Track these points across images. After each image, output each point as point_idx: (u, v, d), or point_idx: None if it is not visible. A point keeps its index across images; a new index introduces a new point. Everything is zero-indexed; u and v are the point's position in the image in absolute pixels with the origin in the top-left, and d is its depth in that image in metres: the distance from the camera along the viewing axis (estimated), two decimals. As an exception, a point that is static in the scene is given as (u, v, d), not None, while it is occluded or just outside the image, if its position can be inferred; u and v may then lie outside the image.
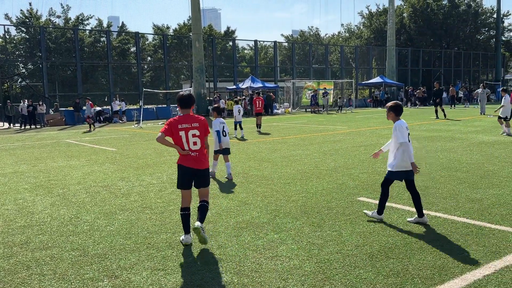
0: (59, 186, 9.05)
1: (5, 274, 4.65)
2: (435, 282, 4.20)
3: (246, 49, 71.23)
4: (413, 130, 19.04)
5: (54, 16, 54.59)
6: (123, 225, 6.22)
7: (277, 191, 8.09)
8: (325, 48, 55.80)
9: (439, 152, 12.20)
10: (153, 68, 57.89)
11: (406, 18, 60.26)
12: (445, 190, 7.81)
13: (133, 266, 4.76)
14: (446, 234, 5.53)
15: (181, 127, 5.44)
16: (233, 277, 4.42)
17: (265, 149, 14.11)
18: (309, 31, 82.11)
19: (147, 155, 13.36)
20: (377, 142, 15.01)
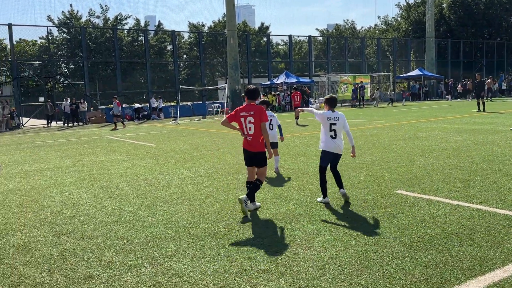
0: (102, 180, 9.38)
1: (54, 261, 4.90)
2: (476, 273, 4.16)
3: (280, 44, 71.15)
4: (454, 123, 18.60)
5: (94, 16, 56.09)
6: (164, 216, 6.42)
7: (312, 184, 8.11)
8: (361, 41, 54.99)
9: (481, 145, 11.89)
10: (189, 65, 58.69)
11: (446, 8, 58.59)
12: (486, 183, 7.64)
13: (174, 254, 4.92)
14: (487, 226, 5.43)
15: (242, 115, 6.50)
16: (271, 265, 4.51)
17: (300, 143, 14.13)
18: (345, 24, 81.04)
19: (185, 150, 13.62)
20: (416, 135, 14.77)
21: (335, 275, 4.25)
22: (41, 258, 4.99)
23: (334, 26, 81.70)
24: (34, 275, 4.56)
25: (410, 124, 19.31)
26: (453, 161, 9.73)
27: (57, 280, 4.40)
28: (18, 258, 5.05)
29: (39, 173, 10.62)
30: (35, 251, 5.23)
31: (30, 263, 4.88)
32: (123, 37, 54.13)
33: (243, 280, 4.22)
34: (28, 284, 4.35)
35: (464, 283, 3.97)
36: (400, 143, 13.12)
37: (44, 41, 49.35)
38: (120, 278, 4.37)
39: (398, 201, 6.73)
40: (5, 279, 4.51)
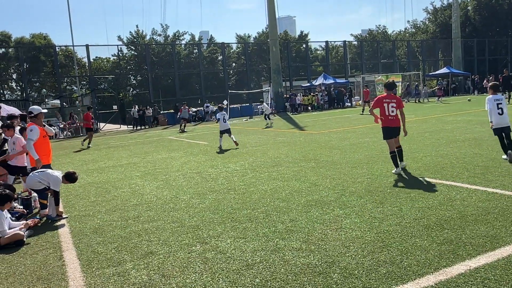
0: (162, 173, 9.75)
1: (122, 240, 5.21)
2: (487, 249, 4.07)
3: (318, 49, 70.22)
4: (479, 116, 17.81)
5: (156, 34, 57.66)
6: (212, 203, 6.62)
7: (344, 174, 8.08)
8: (392, 44, 53.50)
9: (502, 135, 11.36)
10: (237, 72, 59.17)
11: (471, 10, 55.90)
12: (504, 169, 7.34)
13: (220, 235, 5.10)
14: (501, 207, 5.26)
15: (385, 101, 7.88)
16: (302, 245, 4.59)
17: (335, 138, 14.02)
18: (377, 29, 78.87)
19: (233, 146, 13.85)
20: (442, 128, 14.29)
21: (358, 252, 4.28)
22: (112, 238, 5.32)
23: (367, 31, 79.83)
24: (106, 252, 4.87)
25: (438, 117, 18.67)
26: (474, 150, 9.39)
27: (123, 256, 4.69)
28: (93, 238, 5.40)
29: (112, 169, 11.15)
30: (107, 233, 5.56)
31: (103, 242, 5.21)
32: (181, 51, 55.35)
33: (277, 256, 4.32)
34: (101, 259, 4.66)
35: (475, 257, 3.90)
36: (427, 135, 12.75)
37: (115, 58, 51.30)
38: (175, 254, 4.60)
39: (421, 187, 6.61)
40: (83, 255, 4.84)
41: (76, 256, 4.82)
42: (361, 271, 3.83)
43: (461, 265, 3.78)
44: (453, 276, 3.59)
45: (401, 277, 3.66)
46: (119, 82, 45.54)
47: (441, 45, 52.76)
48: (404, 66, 54.00)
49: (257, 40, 64.78)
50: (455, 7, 46.20)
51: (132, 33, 56.24)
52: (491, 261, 3.80)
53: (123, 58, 51.79)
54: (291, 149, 12.14)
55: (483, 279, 3.49)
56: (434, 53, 52.90)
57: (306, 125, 20.50)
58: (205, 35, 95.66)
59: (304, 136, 15.36)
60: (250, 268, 4.09)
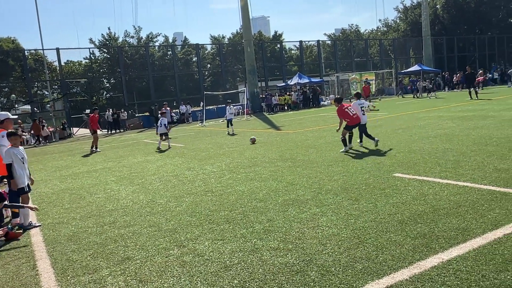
0: (138, 177, 9.63)
1: (97, 247, 5.12)
2: (458, 241, 4.18)
3: (293, 49, 70.62)
4: (449, 111, 18.30)
5: (129, 36, 56.81)
6: (190, 206, 6.58)
7: (321, 172, 8.17)
8: (365, 42, 54.41)
9: (471, 130, 11.72)
10: (212, 73, 58.97)
11: (439, 9, 57.30)
12: (474, 162, 7.57)
13: (197, 238, 5.07)
14: (472, 200, 5.42)
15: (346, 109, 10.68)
16: (280, 244, 4.61)
17: (311, 137, 14.15)
18: (350, 28, 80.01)
19: (209, 148, 13.81)
20: (415, 124, 14.60)
21: (335, 249, 4.33)
22: (87, 245, 5.22)
23: (340, 30, 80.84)
24: (81, 259, 4.78)
25: (410, 114, 19.07)
26: (445, 145, 9.64)
27: (99, 263, 4.61)
28: (68, 246, 5.29)
29: (86, 174, 10.95)
30: (82, 240, 5.46)
31: (78, 249, 5.11)
32: (155, 53, 54.80)
33: (255, 257, 4.34)
34: (76, 267, 4.57)
35: (447, 250, 4.01)
36: (400, 131, 13.01)
37: (87, 61, 50.34)
38: (152, 259, 4.55)
39: (394, 183, 6.74)
40: (57, 263, 4.74)
41: (50, 265, 4.72)
42: (338, 268, 3.88)
43: (434, 258, 3.88)
44: (427, 269, 3.68)
45: (377, 272, 3.73)
46: (92, 86, 44.71)
47: (412, 43, 53.93)
48: (377, 64, 54.93)
49: (231, 40, 64.71)
50: (425, 6, 47.33)
51: (104, 35, 55.28)
52: (462, 253, 3.92)
53: (95, 61, 50.91)
54: (267, 149, 12.19)
55: (455, 270, 3.59)
56: (406, 51, 54.03)
57: (282, 125, 20.61)
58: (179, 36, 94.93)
59: (281, 136, 15.44)
60: (228, 270, 4.09)
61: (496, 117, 14.07)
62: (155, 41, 57.90)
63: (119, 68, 40.69)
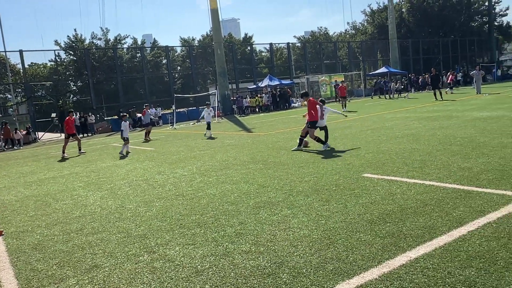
0: (107, 182, 9.42)
1: (64, 255, 4.96)
2: (425, 239, 4.29)
3: (263, 51, 71.00)
4: (415, 112, 18.81)
5: (96, 38, 55.54)
6: (160, 211, 6.48)
7: (292, 174, 8.21)
8: (334, 45, 55.26)
9: (437, 130, 12.07)
10: (182, 75, 58.48)
11: (405, 12, 58.93)
12: (439, 162, 7.79)
13: (168, 243, 5.00)
14: (437, 199, 5.57)
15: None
16: (251, 247, 4.60)
17: (282, 139, 14.23)
18: (319, 31, 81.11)
19: (180, 151, 13.67)
20: (383, 125, 14.92)
21: (306, 250, 4.36)
22: (53, 254, 5.05)
23: (310, 33, 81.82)
24: (46, 269, 4.62)
25: (379, 115, 19.49)
26: (412, 145, 9.89)
27: (66, 272, 4.47)
28: (32, 255, 5.11)
29: (52, 180, 10.62)
30: (48, 248, 5.28)
31: (43, 258, 4.94)
32: (123, 55, 53.81)
33: (227, 261, 4.31)
34: (41, 277, 4.41)
35: (415, 248, 4.10)
36: (369, 132, 13.27)
37: (53, 64, 48.91)
38: (121, 266, 4.45)
39: (364, 183, 6.85)
40: (21, 274, 4.56)
41: (13, 276, 4.54)
42: (309, 269, 3.90)
43: (403, 256, 3.96)
44: (396, 267, 3.75)
45: (347, 272, 3.77)
46: (58, 89, 43.49)
47: (379, 45, 55.19)
48: (346, 66, 55.92)
49: (201, 43, 64.41)
50: (391, 9, 48.61)
51: (70, 37, 53.87)
52: (429, 250, 4.01)
53: (61, 64, 49.50)
54: (239, 151, 12.17)
55: (423, 268, 3.68)
56: (373, 53, 55.27)
57: (253, 127, 20.65)
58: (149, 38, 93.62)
59: (252, 138, 15.45)
60: (199, 275, 4.05)
61: (460, 117, 14.56)
62: (123, 43, 56.89)
63: (86, 70, 39.73)
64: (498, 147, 8.53)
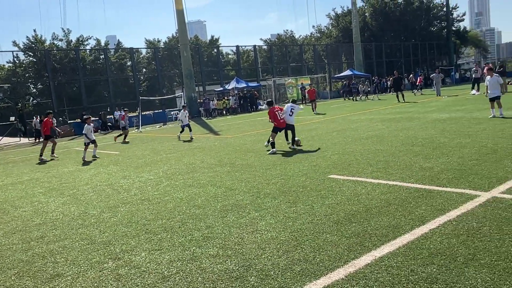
0: (69, 188, 9.12)
1: (23, 265, 4.76)
2: (389, 238, 4.39)
3: (230, 54, 71.05)
4: (379, 114, 19.28)
5: (57, 39, 53.88)
6: (125, 216, 6.34)
7: (259, 176, 8.23)
8: (299, 48, 55.96)
9: (399, 131, 12.42)
10: (148, 78, 57.58)
11: (368, 17, 60.41)
12: (402, 162, 8.01)
13: (134, 249, 4.89)
14: (401, 199, 5.72)
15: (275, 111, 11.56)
16: (219, 251, 4.57)
17: (250, 141, 14.25)
18: (285, 34, 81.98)
19: (146, 155, 13.43)
20: (348, 126, 15.20)
21: (273, 252, 4.37)
22: (11, 264, 4.84)
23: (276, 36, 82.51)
24: (4, 279, 4.42)
25: (344, 117, 19.85)
26: (376, 146, 10.12)
27: (25, 282, 4.29)
28: (-11, 266, 4.87)
29: (11, 187, 10.19)
30: (6, 258, 5.05)
31: (1, 269, 4.71)
32: (86, 57, 52.43)
33: (194, 265, 4.26)
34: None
35: (379, 247, 4.19)
36: (335, 134, 13.49)
37: (11, 65, 47.02)
38: (84, 274, 4.31)
39: (330, 184, 6.95)
40: (-24, 286, 4.35)
41: (-32, 288, 4.31)
42: (277, 272, 3.91)
43: (368, 256, 4.04)
44: (361, 267, 3.81)
45: (314, 273, 3.81)
46: (16, 91, 41.82)
47: (344, 48, 56.30)
48: (312, 69, 56.69)
49: (167, 45, 63.69)
50: (354, 14, 49.74)
51: (29, 38, 52.03)
52: (393, 249, 4.11)
53: (20, 65, 47.66)
54: (206, 154, 12.09)
55: (387, 267, 3.76)
56: (338, 56, 56.31)
57: (221, 130, 20.58)
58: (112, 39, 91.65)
59: (219, 141, 15.39)
60: (166, 281, 3.98)
61: (421, 119, 15.04)
62: (86, 44, 55.48)
63: (46, 72, 38.44)
64: (457, 147, 8.86)
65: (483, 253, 3.83)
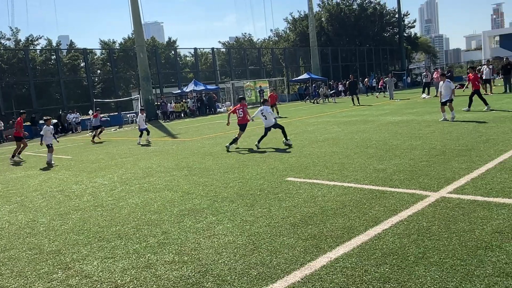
0: (17, 195, 8.67)
1: (-37, 279, 4.46)
2: (344, 240, 4.47)
3: (188, 56, 70.39)
4: (335, 117, 19.71)
5: (4, 38, 51.36)
6: (77, 223, 6.09)
7: (217, 179, 8.17)
8: (258, 51, 56.32)
9: (354, 134, 12.74)
10: (103, 79, 55.94)
11: (324, 22, 61.76)
12: (357, 164, 8.21)
13: (85, 258, 4.70)
14: (356, 200, 5.85)
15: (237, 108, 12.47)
16: (175, 257, 4.48)
17: (208, 144, 14.14)
18: (243, 37, 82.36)
19: (100, 159, 13.02)
20: (305, 129, 15.42)
21: (230, 257, 4.34)
22: (-50, 278, 4.52)
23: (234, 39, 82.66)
24: None
25: (301, 120, 20.13)
26: (332, 149, 10.33)
27: (-35, 298, 4.02)
28: None
29: (-49, 195, 9.54)
30: None
31: None
32: (36, 57, 50.26)
33: (149, 273, 4.15)
34: None
35: (335, 249, 4.25)
36: (292, 137, 13.61)
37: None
38: (31, 286, 4.10)
39: (287, 187, 7.00)
40: None
41: None
42: (233, 276, 3.88)
43: (324, 257, 4.09)
44: (317, 269, 3.86)
45: (271, 276, 3.81)
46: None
47: (301, 52, 57.21)
48: (270, 72, 57.17)
49: (123, 46, 62.18)
50: (311, 18, 50.68)
51: (-27, 36, 49.24)
52: (348, 250, 4.19)
53: (-37, 65, 45.01)
54: (163, 158, 11.88)
55: (342, 268, 3.82)
56: (296, 60, 57.16)
57: (178, 133, 20.31)
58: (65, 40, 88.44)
59: (177, 144, 15.18)
60: (119, 290, 3.85)
61: (375, 122, 15.51)
62: (36, 44, 53.20)
63: (-8, 73, 36.48)
64: (408, 149, 9.20)
65: (432, 251, 3.98)
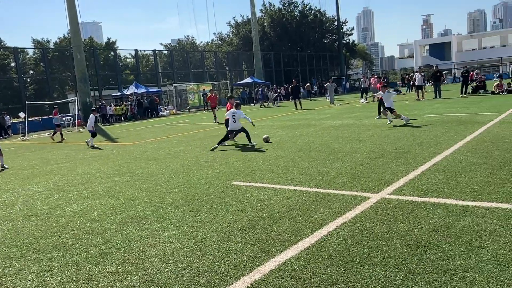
0: None
1: None
2: (292, 243, 4.51)
3: (128, 57, 68.39)
4: (278, 121, 19.99)
5: None
6: (8, 235, 5.65)
7: (161, 185, 7.96)
8: (201, 54, 55.91)
9: (298, 137, 12.99)
10: (36, 81, 52.85)
11: (267, 27, 62.61)
12: (301, 167, 8.36)
13: (18, 272, 4.37)
14: (301, 203, 5.94)
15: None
16: (118, 267, 4.29)
17: (150, 148, 13.77)
18: (186, 39, 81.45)
19: (34, 165, 12.24)
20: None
21: (177, 265, 4.22)
22: None
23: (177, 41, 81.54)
24: None
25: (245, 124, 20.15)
26: (277, 152, 10.44)
27: None
28: None
29: None
30: None
31: None
32: (-41, 55, 46.52)
33: (90, 285, 3.93)
34: None
35: (283, 252, 4.28)
36: (237, 139, 13.62)
37: None
38: (-45, 307, 3.74)
39: (233, 191, 6.96)
40: None
41: None
42: (180, 285, 3.78)
43: (272, 261, 4.09)
44: (266, 273, 3.85)
45: (220, 283, 3.75)
46: None
47: (245, 56, 57.60)
48: (213, 76, 56.98)
49: (58, 45, 59.16)
50: (254, 23, 51.20)
51: None
52: (295, 253, 4.23)
53: None
54: (103, 163, 11.40)
55: (290, 271, 3.85)
56: (239, 63, 57.40)
57: (119, 137, 19.62)
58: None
59: (118, 148, 14.64)
60: (57, 305, 3.61)
61: (317, 126, 15.92)
62: (-41, 41, 49.21)
63: None
64: (350, 152, 9.52)
65: (376, 251, 4.12)
